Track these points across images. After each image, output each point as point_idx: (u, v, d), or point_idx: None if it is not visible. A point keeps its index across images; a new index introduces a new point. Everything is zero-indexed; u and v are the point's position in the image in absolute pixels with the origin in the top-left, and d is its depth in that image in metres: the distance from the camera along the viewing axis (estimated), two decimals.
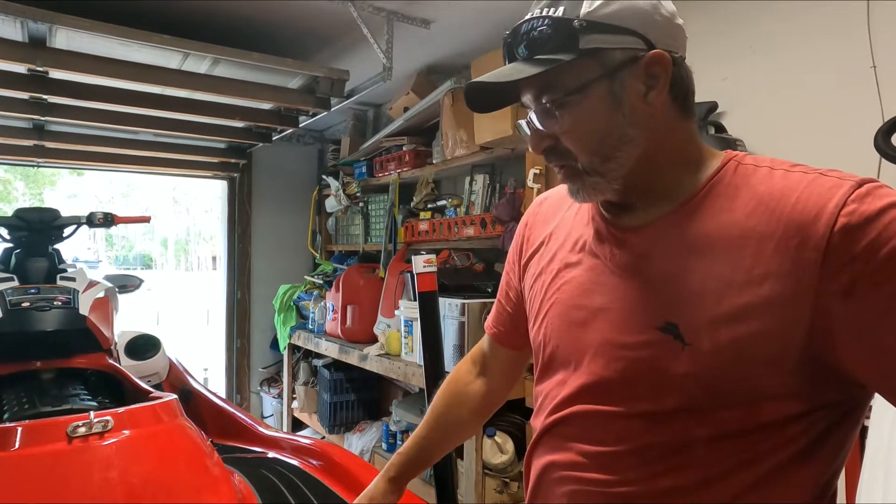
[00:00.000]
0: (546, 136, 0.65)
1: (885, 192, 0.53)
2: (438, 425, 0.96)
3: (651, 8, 0.61)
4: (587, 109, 0.62)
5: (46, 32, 1.92)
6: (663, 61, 0.60)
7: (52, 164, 3.39)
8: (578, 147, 0.64)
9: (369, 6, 2.15)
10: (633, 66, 0.60)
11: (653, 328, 0.61)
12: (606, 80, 0.61)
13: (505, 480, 2.04)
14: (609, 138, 0.62)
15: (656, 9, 0.62)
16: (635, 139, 0.62)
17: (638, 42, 0.60)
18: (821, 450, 0.59)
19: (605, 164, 0.63)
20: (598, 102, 0.61)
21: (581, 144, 0.63)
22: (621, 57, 0.60)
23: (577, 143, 0.64)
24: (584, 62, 0.60)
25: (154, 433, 1.23)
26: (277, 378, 3.91)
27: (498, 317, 0.93)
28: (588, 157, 0.64)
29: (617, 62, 0.60)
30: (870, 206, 0.52)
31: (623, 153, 0.63)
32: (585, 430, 0.67)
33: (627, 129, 0.62)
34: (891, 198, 0.52)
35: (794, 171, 0.59)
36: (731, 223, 0.59)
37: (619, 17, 0.60)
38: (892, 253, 0.50)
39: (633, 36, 0.60)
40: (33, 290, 1.61)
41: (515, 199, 2.27)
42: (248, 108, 2.74)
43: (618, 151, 0.63)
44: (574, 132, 0.63)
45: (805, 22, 1.60)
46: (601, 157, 0.63)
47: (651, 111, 0.62)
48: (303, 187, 4.00)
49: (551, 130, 0.65)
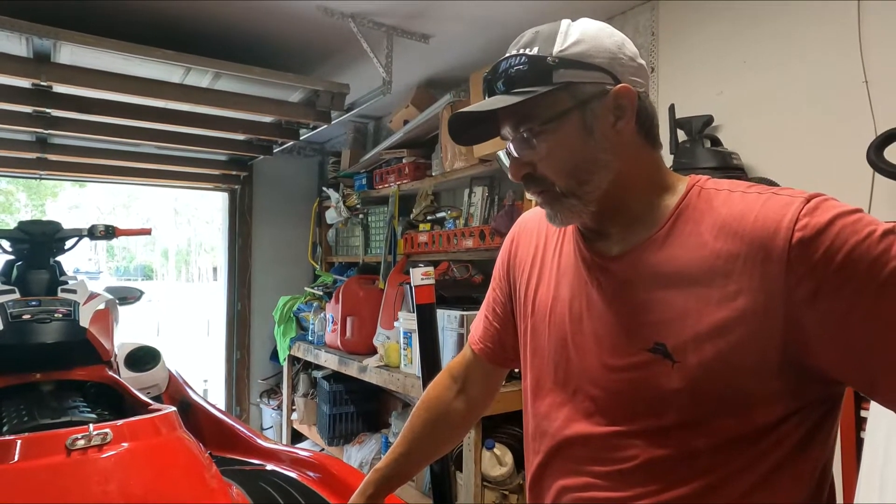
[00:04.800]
0: (524, 163, 0.70)
1: (831, 204, 0.58)
2: (418, 443, 0.95)
3: (616, 48, 0.67)
4: (562, 137, 0.67)
5: (51, 48, 1.95)
6: (629, 94, 0.66)
7: (55, 176, 3.42)
8: (555, 172, 0.68)
9: (369, 21, 2.18)
10: (602, 98, 0.66)
11: (643, 350, 0.65)
12: (578, 111, 0.66)
13: (504, 493, 2.03)
14: (583, 163, 0.67)
15: (621, 49, 0.68)
16: (608, 163, 0.67)
17: (606, 77, 0.66)
18: (814, 440, 0.63)
19: (581, 188, 0.68)
20: (572, 130, 0.67)
21: (557, 169, 0.68)
22: (591, 90, 0.66)
23: (553, 168, 0.68)
24: (558, 94, 0.66)
25: (153, 446, 1.23)
26: (277, 389, 3.90)
27: (485, 333, 0.94)
28: (565, 181, 0.68)
29: (587, 94, 0.66)
30: (819, 218, 0.57)
31: (597, 176, 0.68)
32: (592, 451, 0.70)
33: (599, 154, 0.67)
34: (837, 209, 0.57)
35: (749, 193, 0.64)
36: (700, 245, 0.64)
37: (588, 55, 0.66)
38: (846, 258, 0.55)
39: (601, 72, 0.66)
40: (34, 302, 1.62)
41: (514, 211, 2.28)
42: (250, 121, 2.76)
43: (592, 175, 0.67)
44: (550, 158, 0.68)
45: (798, 37, 1.62)
46: (577, 181, 0.68)
47: (620, 139, 0.67)
48: (303, 199, 4.02)
49: (529, 158, 0.69)
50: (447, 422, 0.96)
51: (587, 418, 0.70)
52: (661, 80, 1.98)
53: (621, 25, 2.05)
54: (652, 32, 1.99)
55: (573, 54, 0.65)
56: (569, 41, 0.66)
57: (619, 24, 2.06)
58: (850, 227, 0.55)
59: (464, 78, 2.62)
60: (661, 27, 1.98)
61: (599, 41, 0.66)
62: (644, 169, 0.70)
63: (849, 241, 0.55)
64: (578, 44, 0.66)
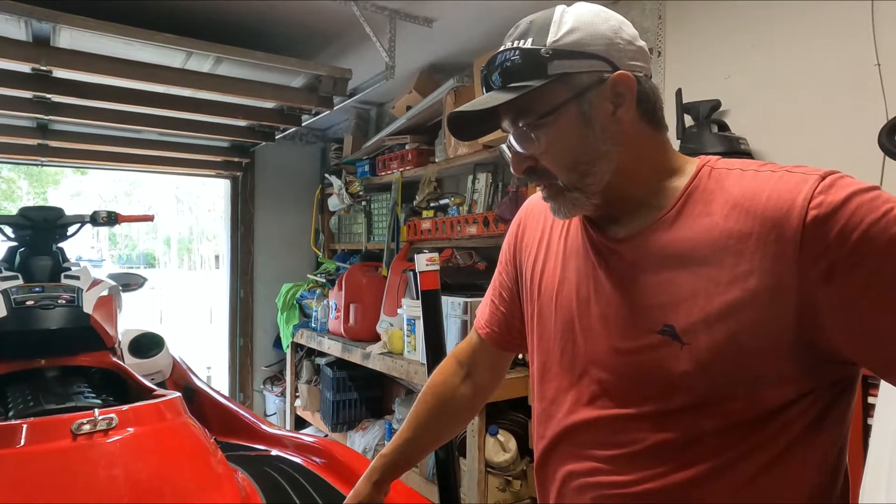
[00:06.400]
0: (525, 157, 0.69)
1: (847, 181, 0.57)
2: (424, 429, 0.94)
3: (612, 33, 0.66)
4: (561, 129, 0.66)
5: (50, 32, 1.92)
6: (627, 81, 0.65)
7: (56, 163, 3.40)
8: (556, 165, 0.67)
9: (372, 5, 2.15)
10: (599, 87, 0.65)
11: (651, 332, 0.64)
12: (576, 102, 0.65)
13: (507, 479, 2.04)
14: (584, 155, 0.66)
15: (617, 33, 0.66)
16: (609, 154, 0.66)
17: (603, 65, 0.65)
18: (826, 424, 0.62)
19: (583, 180, 0.67)
20: (571, 122, 0.65)
21: (558, 162, 0.67)
22: (588, 80, 0.64)
23: (554, 162, 0.67)
24: (554, 86, 0.64)
25: (158, 431, 1.24)
26: (280, 376, 3.92)
27: (491, 317, 0.94)
28: (567, 175, 0.67)
29: (584, 84, 0.64)
30: (835, 196, 0.55)
31: (599, 168, 0.66)
32: (599, 435, 0.69)
33: (599, 146, 0.66)
34: (853, 187, 0.56)
35: (762, 171, 0.62)
36: (711, 226, 0.63)
37: (583, 43, 0.64)
38: (862, 236, 0.53)
39: (597, 60, 0.64)
40: (38, 288, 1.62)
41: (518, 197, 2.26)
42: (251, 107, 2.74)
43: (593, 167, 0.66)
44: (551, 152, 0.67)
45: (808, 19, 1.59)
46: (579, 174, 0.67)
47: (621, 127, 0.66)
48: (306, 186, 4.01)
49: (530, 152, 0.68)
50: (454, 407, 0.95)
51: (593, 402, 0.70)
52: (668, 64, 1.95)
53: (627, 9, 2.02)
54: (659, 16, 1.96)
55: (567, 44, 0.64)
56: (563, 30, 0.64)
57: (625, 7, 2.03)
58: (866, 204, 0.54)
59: (468, 63, 2.59)
60: (667, 10, 1.95)
61: (594, 27, 0.65)
62: (648, 154, 0.69)
63: (865, 219, 0.53)
64: (572, 32, 0.64)
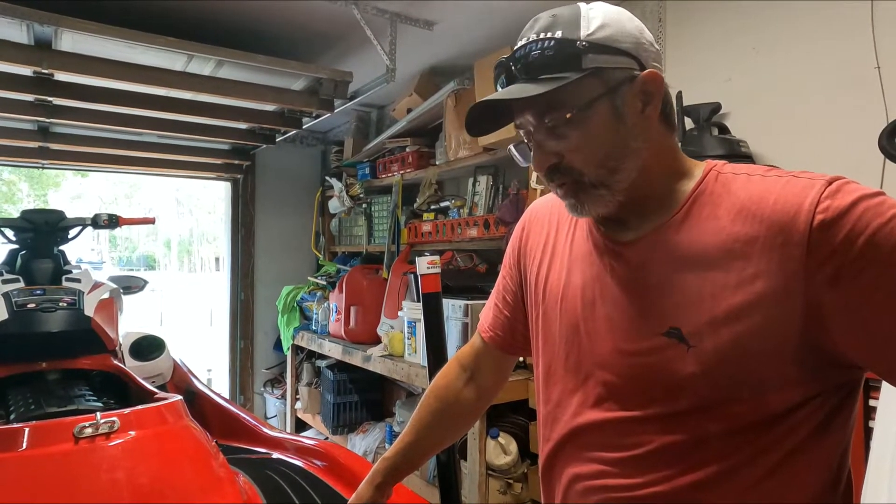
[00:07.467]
0: (551, 154, 0.68)
1: (853, 187, 0.57)
2: (427, 432, 0.94)
3: (638, 33, 0.67)
4: (594, 125, 0.65)
5: (52, 35, 1.93)
6: (657, 80, 0.65)
7: (57, 165, 3.40)
8: (585, 161, 0.66)
9: (372, 8, 2.16)
10: (630, 84, 0.65)
11: (657, 334, 0.64)
12: (609, 97, 0.64)
13: (508, 481, 2.04)
14: (614, 151, 0.66)
15: (642, 33, 0.67)
16: (638, 151, 0.66)
17: (632, 62, 0.65)
18: (832, 427, 0.62)
19: (612, 177, 0.66)
20: (604, 118, 0.65)
21: (588, 159, 0.66)
22: (620, 75, 0.65)
23: (584, 158, 0.66)
24: (588, 80, 0.64)
25: (160, 434, 1.24)
26: (281, 379, 3.91)
27: (495, 321, 0.94)
28: (596, 171, 0.66)
29: (617, 80, 0.64)
30: (841, 200, 0.56)
31: (628, 164, 0.66)
32: (605, 437, 0.69)
33: (630, 142, 0.66)
34: (859, 192, 0.56)
35: (769, 176, 0.63)
36: (718, 229, 0.63)
37: (615, 39, 0.64)
38: (868, 241, 0.54)
39: (627, 57, 0.65)
40: (39, 291, 1.62)
41: (519, 200, 2.27)
42: (252, 110, 2.74)
43: (622, 163, 0.66)
44: (581, 147, 0.66)
45: (808, 22, 1.59)
46: (608, 170, 0.66)
47: (648, 125, 0.67)
48: (306, 189, 4.01)
49: (556, 149, 0.67)
50: (456, 410, 0.95)
51: (599, 404, 0.70)
52: (668, 67, 1.95)
53: (627, 11, 2.02)
54: (659, 18, 1.97)
55: (601, 38, 0.63)
56: (594, 25, 0.64)
57: (626, 9, 2.02)
58: (872, 209, 0.55)
59: (468, 66, 2.59)
60: (668, 12, 1.96)
61: (622, 25, 0.65)
62: (665, 155, 0.69)
63: (871, 223, 0.54)
64: (604, 28, 0.64)
